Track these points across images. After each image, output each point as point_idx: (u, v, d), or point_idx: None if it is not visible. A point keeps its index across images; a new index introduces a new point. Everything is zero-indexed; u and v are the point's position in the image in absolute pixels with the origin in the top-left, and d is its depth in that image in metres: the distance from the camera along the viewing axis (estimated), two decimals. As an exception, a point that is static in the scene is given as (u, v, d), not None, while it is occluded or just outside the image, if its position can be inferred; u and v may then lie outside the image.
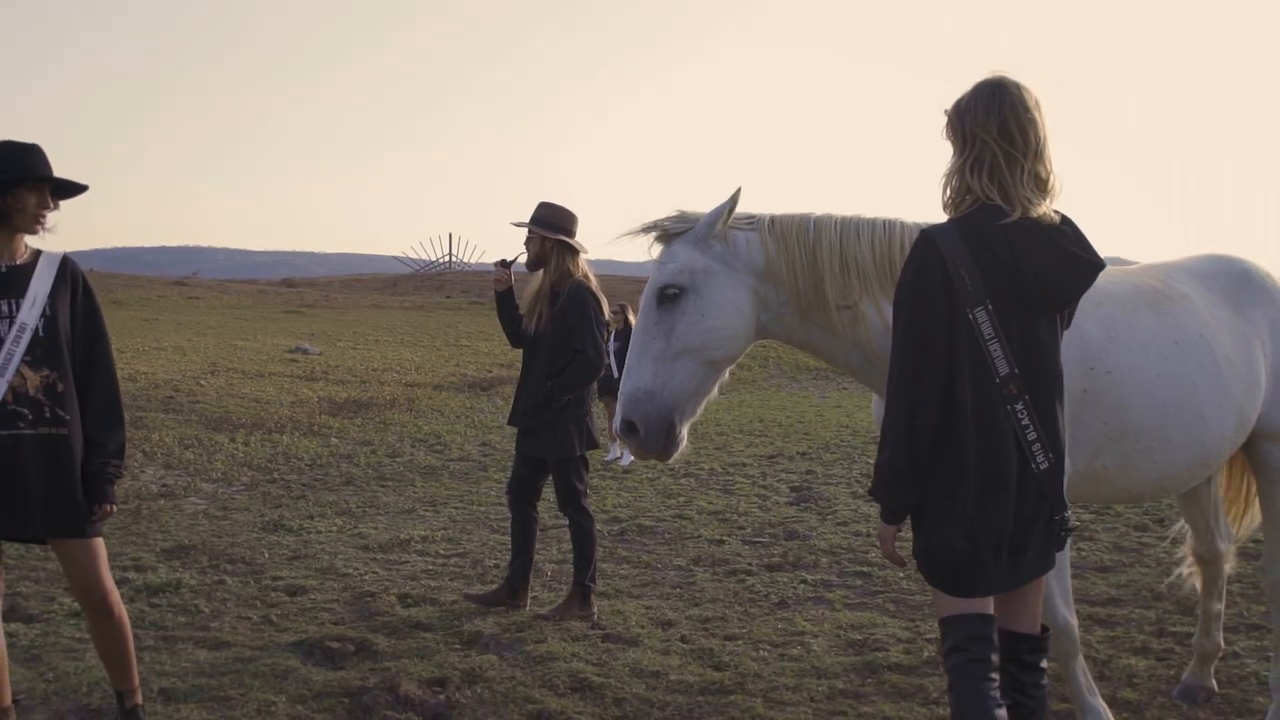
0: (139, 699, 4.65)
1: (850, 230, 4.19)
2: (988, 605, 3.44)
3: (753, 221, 4.22)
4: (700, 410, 4.26)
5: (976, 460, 3.33)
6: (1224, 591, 5.68)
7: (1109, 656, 5.97)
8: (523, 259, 6.96)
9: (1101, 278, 4.03)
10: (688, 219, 4.21)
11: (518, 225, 6.89)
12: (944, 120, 3.54)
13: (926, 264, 3.37)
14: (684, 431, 4.18)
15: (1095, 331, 4.37)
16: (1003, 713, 3.34)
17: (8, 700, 4.39)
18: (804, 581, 7.69)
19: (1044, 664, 3.57)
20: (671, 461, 4.21)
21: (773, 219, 4.23)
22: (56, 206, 4.41)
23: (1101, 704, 4.64)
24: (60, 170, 4.39)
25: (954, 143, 3.49)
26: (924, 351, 3.34)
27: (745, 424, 16.58)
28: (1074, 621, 4.45)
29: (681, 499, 10.96)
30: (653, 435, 4.06)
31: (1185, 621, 6.59)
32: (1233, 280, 4.85)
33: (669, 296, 4.09)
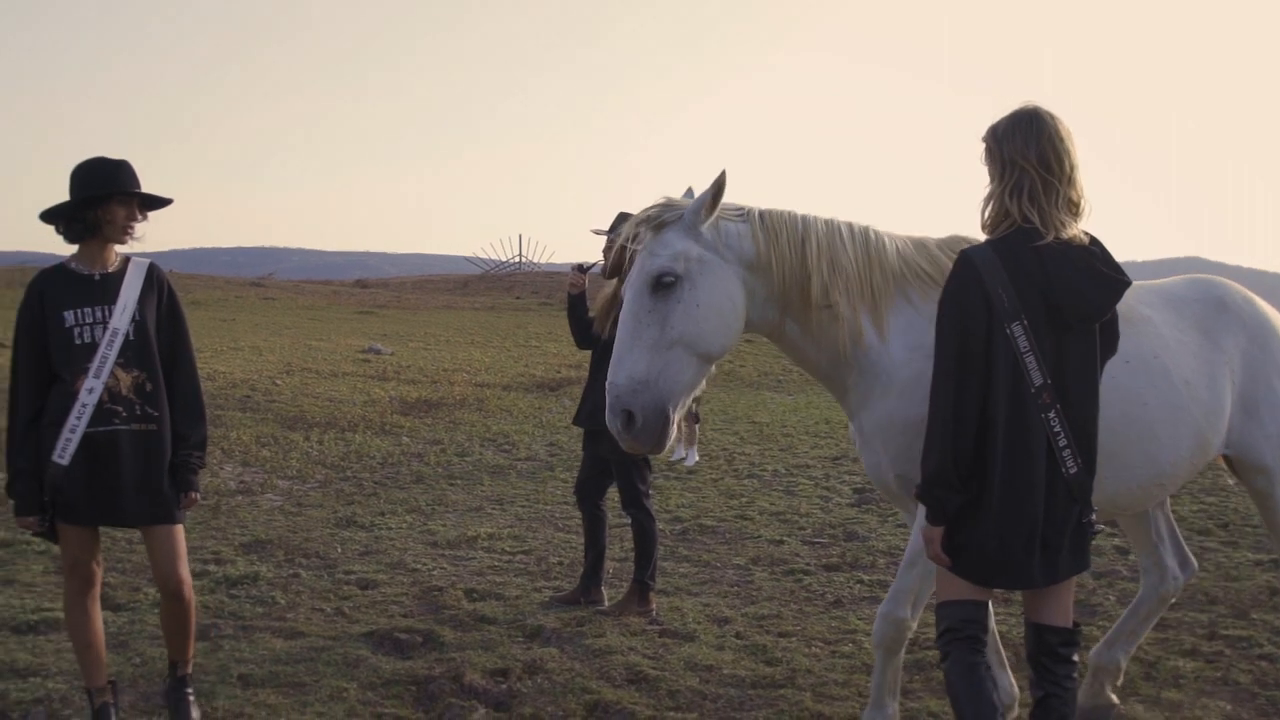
0: (189, 670, 4.97)
1: (835, 232, 4.34)
2: (986, 594, 3.74)
3: (743, 213, 4.30)
4: (688, 403, 4.26)
5: (1009, 464, 3.58)
6: (1153, 620, 5.51)
7: (1157, 658, 6.06)
8: (599, 266, 7.19)
9: None
10: (676, 206, 4.24)
11: (598, 233, 7.11)
12: (981, 147, 3.78)
13: (966, 282, 3.63)
14: (676, 423, 4.15)
15: None
16: (988, 684, 3.65)
17: (104, 680, 4.70)
18: (860, 581, 7.83)
19: (1075, 657, 3.75)
20: (662, 456, 4.27)
21: (763, 213, 4.32)
22: (145, 218, 4.75)
23: (895, 708, 4.73)
24: (143, 172, 4.72)
25: (992, 169, 3.74)
26: (965, 364, 3.59)
27: (811, 425, 16.67)
28: (912, 625, 4.52)
29: (744, 499, 11.11)
30: (650, 425, 4.05)
31: (1238, 625, 6.68)
32: (1207, 307, 4.91)
33: (664, 285, 4.09)
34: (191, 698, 4.95)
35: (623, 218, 7.09)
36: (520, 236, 76.19)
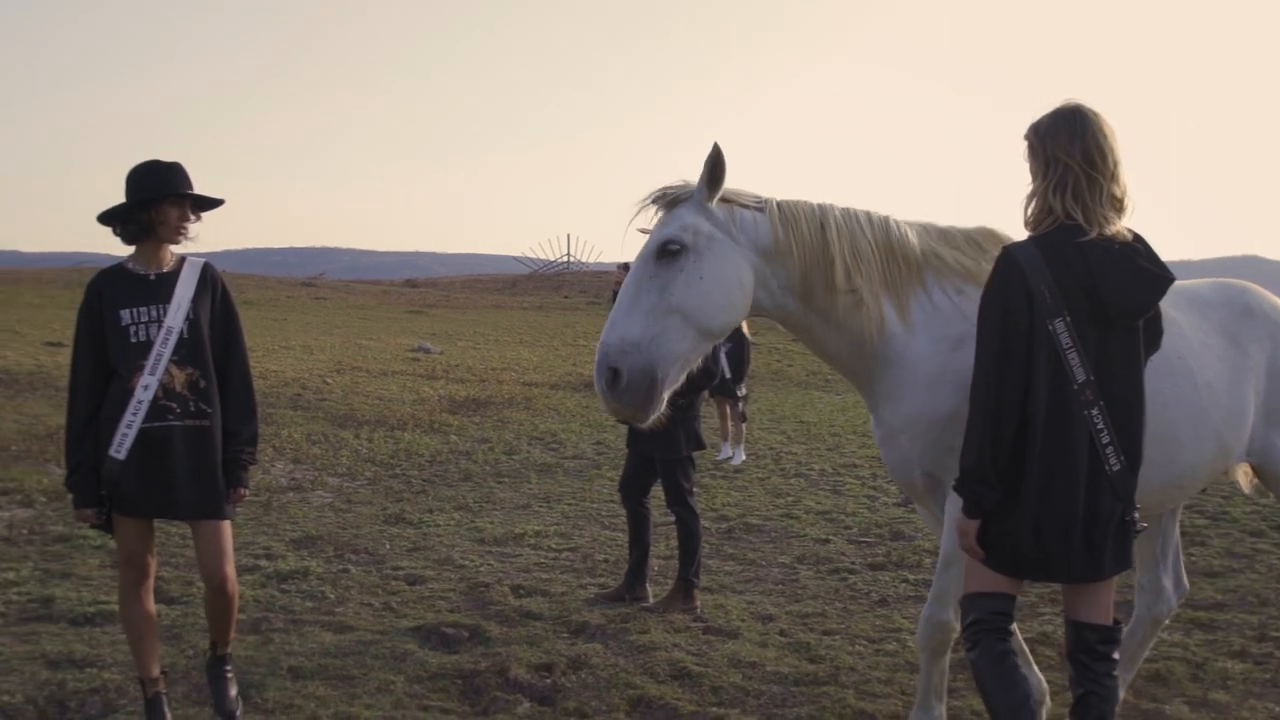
0: (228, 649, 5.08)
1: (853, 219, 4.34)
2: (1015, 587, 3.76)
3: (761, 203, 4.29)
4: (680, 379, 4.20)
5: (1050, 460, 3.59)
6: (1149, 644, 5.36)
7: (1205, 659, 6.02)
8: None
9: None
10: (688, 185, 4.26)
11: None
12: (1024, 145, 3.79)
13: (1009, 279, 3.63)
14: (665, 396, 4.12)
15: None
16: (1018, 671, 3.67)
17: (157, 671, 4.81)
18: (905, 580, 7.83)
19: (1115, 655, 3.74)
20: (646, 425, 4.16)
21: (780, 202, 4.31)
22: (198, 218, 4.86)
23: (942, 710, 4.69)
24: (197, 173, 4.83)
25: (1035, 166, 3.75)
26: (1006, 360, 3.59)
27: (858, 425, 16.62)
28: (956, 626, 4.37)
29: (790, 499, 11.12)
30: (635, 386, 4.01)
31: (1291, 627, 6.61)
32: (1234, 312, 4.83)
33: (670, 252, 4.10)
34: (229, 674, 5.07)
35: None
36: (568, 236, 76.49)
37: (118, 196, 4.75)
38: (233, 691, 5.03)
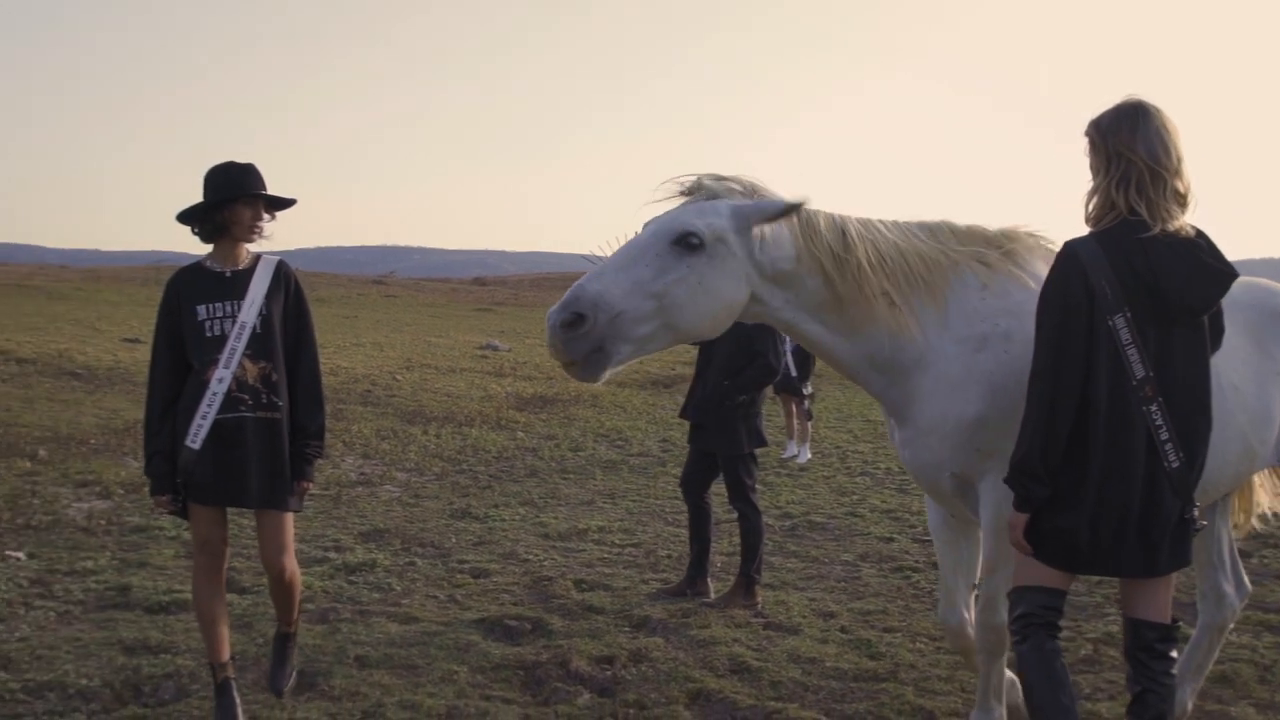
0: (292, 629, 5.24)
1: (872, 226, 4.28)
2: (1066, 582, 3.75)
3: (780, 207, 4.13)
4: (629, 362, 4.10)
5: (1107, 456, 3.58)
6: (1215, 652, 5.22)
7: (1274, 661, 5.94)
8: None
9: None
10: (750, 191, 4.15)
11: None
12: (1084, 142, 3.77)
13: (1069, 274, 3.62)
14: (606, 372, 3.98)
15: None
16: (1065, 671, 3.68)
17: (226, 656, 4.95)
18: (969, 579, 7.80)
19: (1174, 653, 3.73)
20: (598, 385, 4.07)
21: (806, 212, 4.18)
22: (272, 218, 5.02)
23: (1002, 711, 4.64)
24: (271, 172, 4.98)
25: (1097, 162, 3.73)
26: (1064, 355, 3.59)
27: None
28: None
29: (855, 497, 11.10)
30: (585, 340, 3.88)
31: (1364, 632, 6.50)
32: (1262, 314, 4.71)
33: (690, 245, 3.96)
34: (289, 653, 5.24)
35: None
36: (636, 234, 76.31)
37: (194, 195, 4.92)
38: (288, 669, 5.19)
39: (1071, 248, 3.66)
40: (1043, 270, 4.22)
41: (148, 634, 6.03)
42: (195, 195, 4.91)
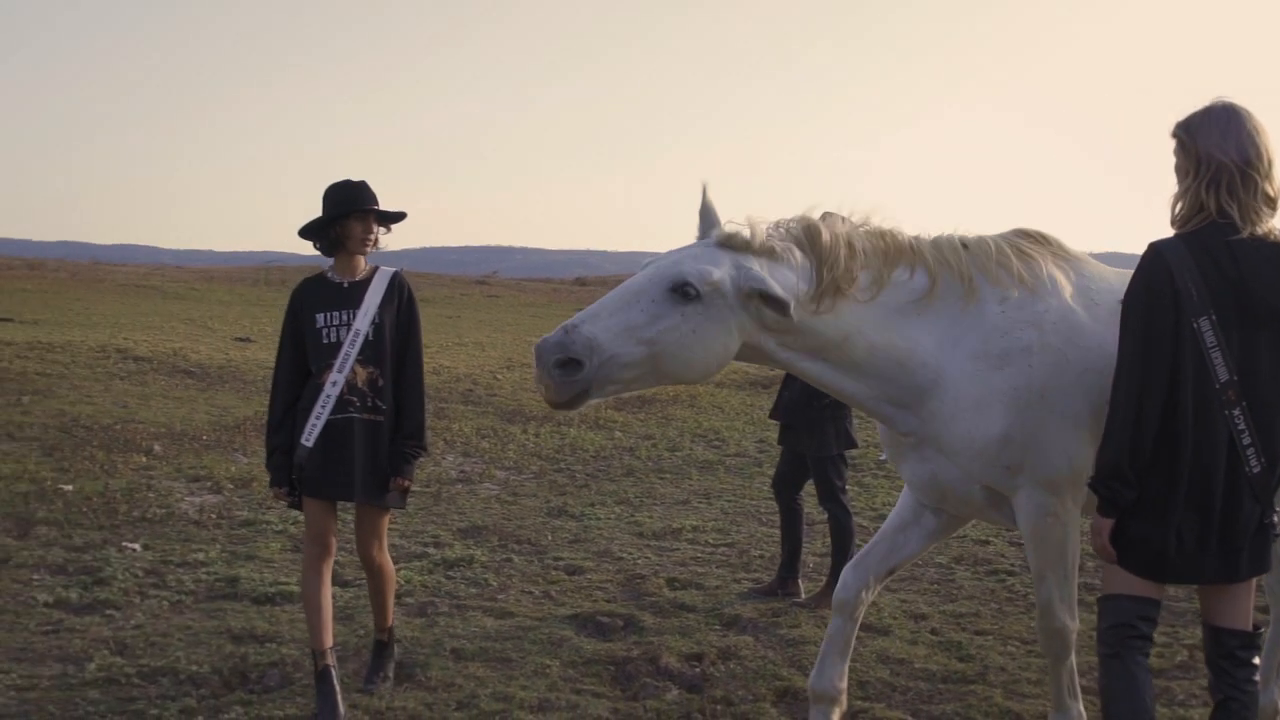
0: (386, 635, 5.53)
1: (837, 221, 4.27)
2: (1158, 591, 3.70)
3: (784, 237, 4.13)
4: (607, 398, 4.11)
5: (1191, 460, 3.56)
6: None
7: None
8: None
9: (1119, 279, 4.21)
10: (757, 242, 4.06)
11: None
12: (1172, 143, 3.75)
13: (1155, 275, 3.60)
14: (586, 404, 4.05)
15: (1112, 338, 4.01)
16: (1149, 692, 3.62)
17: (328, 644, 5.18)
18: (1065, 583, 7.73)
19: (1256, 660, 3.70)
20: (574, 413, 4.12)
21: (800, 232, 4.15)
22: (387, 230, 5.44)
23: (1079, 708, 4.61)
24: (375, 173, 5.29)
25: (1185, 164, 3.69)
26: (1150, 358, 3.57)
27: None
28: (1074, 626, 4.37)
29: (951, 499, 11.01)
30: (572, 382, 3.92)
31: None
32: None
33: (686, 294, 3.94)
34: (386, 660, 5.51)
35: (826, 215, 7.20)
36: (735, 234, 75.99)
37: (304, 195, 5.23)
38: (382, 674, 5.44)
39: (1157, 249, 3.64)
40: (1060, 276, 4.30)
41: (254, 624, 6.28)
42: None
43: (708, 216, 4.21)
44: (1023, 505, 4.23)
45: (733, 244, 4.07)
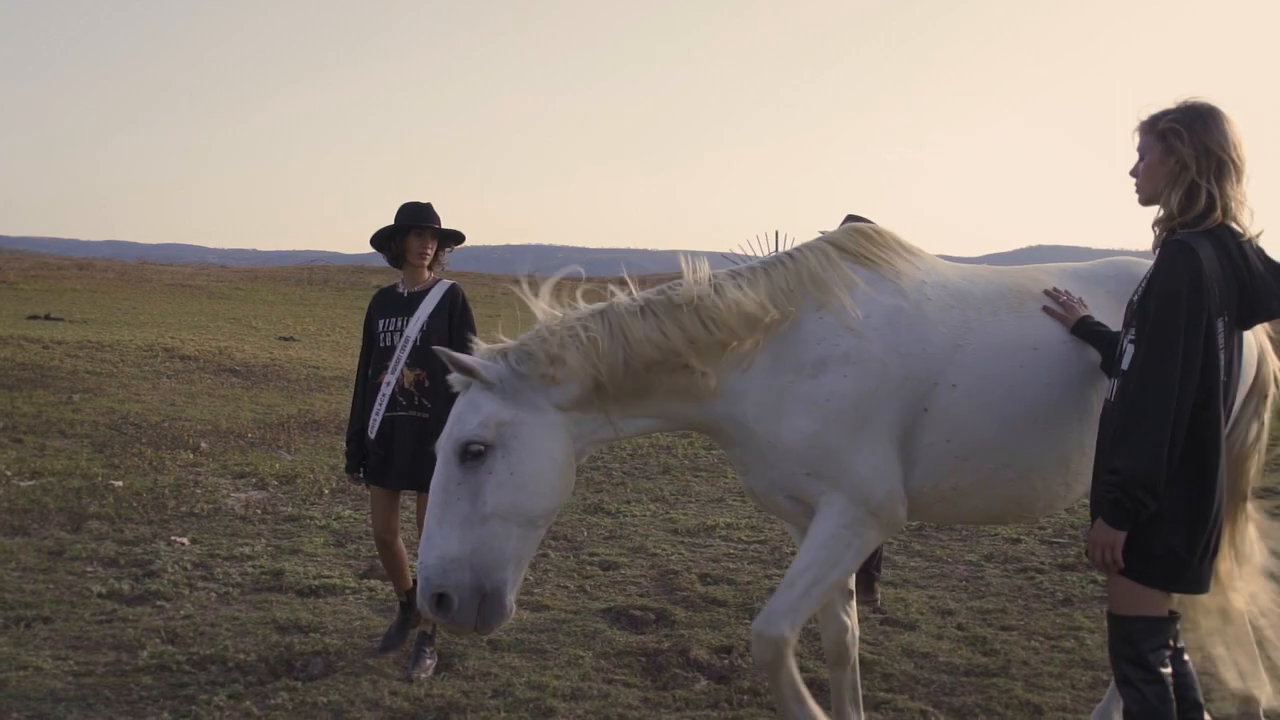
0: (429, 629, 5.86)
1: (627, 314, 4.10)
2: (1169, 603, 3.60)
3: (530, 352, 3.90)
4: (522, 574, 3.85)
5: (1199, 464, 3.48)
6: None
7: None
8: None
9: (961, 277, 4.09)
10: (489, 363, 3.89)
11: None
12: (1156, 135, 3.64)
13: (1195, 273, 3.40)
14: (511, 599, 3.78)
15: (940, 342, 4.06)
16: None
17: (409, 586, 6.01)
18: (1093, 581, 7.80)
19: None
20: (492, 635, 3.80)
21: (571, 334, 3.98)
22: (450, 250, 6.13)
23: (811, 708, 4.29)
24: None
25: (1185, 155, 3.54)
26: (1189, 358, 3.39)
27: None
28: (792, 640, 4.07)
29: (984, 498, 11.08)
30: (467, 607, 3.69)
31: None
32: (1123, 285, 4.35)
33: (473, 454, 3.73)
34: (429, 650, 5.83)
35: (850, 218, 7.30)
36: (776, 233, 76.05)
37: (349, 195, 5.67)
38: (423, 663, 5.72)
39: (1189, 246, 3.42)
40: (891, 275, 4.14)
41: (299, 615, 6.50)
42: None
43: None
44: (822, 509, 4.04)
45: (484, 378, 3.87)
